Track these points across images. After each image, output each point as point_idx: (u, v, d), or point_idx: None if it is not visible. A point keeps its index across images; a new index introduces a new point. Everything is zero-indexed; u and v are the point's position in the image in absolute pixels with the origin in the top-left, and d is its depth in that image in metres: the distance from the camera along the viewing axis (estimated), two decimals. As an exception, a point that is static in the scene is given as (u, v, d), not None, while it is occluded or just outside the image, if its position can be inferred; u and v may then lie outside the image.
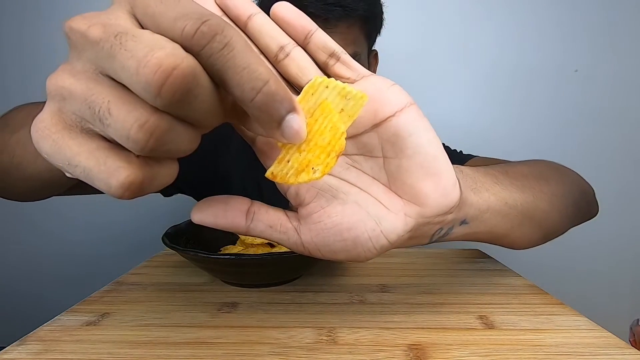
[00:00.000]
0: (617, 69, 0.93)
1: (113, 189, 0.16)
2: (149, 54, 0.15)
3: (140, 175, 0.17)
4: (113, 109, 0.16)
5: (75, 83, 0.17)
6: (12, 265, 1.04)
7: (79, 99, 0.16)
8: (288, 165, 0.20)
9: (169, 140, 0.16)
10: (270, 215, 0.25)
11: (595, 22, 0.92)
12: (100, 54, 0.16)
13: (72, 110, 0.17)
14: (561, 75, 0.94)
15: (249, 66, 0.16)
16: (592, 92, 0.94)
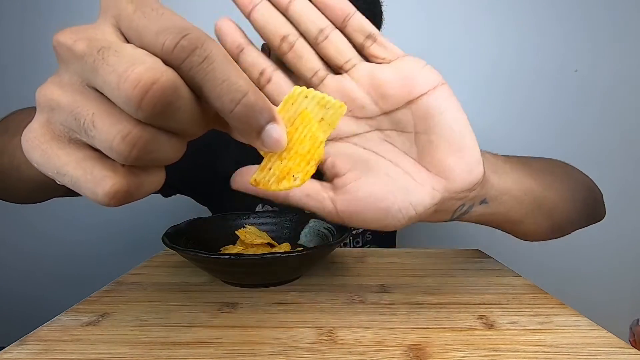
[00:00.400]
0: (617, 69, 0.93)
1: (100, 197, 0.17)
2: (129, 69, 0.15)
3: (125, 184, 0.17)
4: (97, 121, 0.16)
5: (63, 95, 0.17)
6: (12, 265, 1.04)
7: (66, 111, 0.17)
8: (270, 173, 0.21)
9: (153, 149, 0.17)
10: (307, 184, 0.27)
11: (596, 22, 0.92)
12: (85, 68, 0.16)
13: (60, 121, 0.17)
14: (561, 75, 0.94)
15: (229, 79, 0.16)
16: (592, 92, 0.94)
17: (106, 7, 0.18)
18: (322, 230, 0.47)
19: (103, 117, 0.16)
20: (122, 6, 0.17)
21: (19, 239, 1.03)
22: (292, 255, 0.35)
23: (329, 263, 0.47)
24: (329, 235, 0.46)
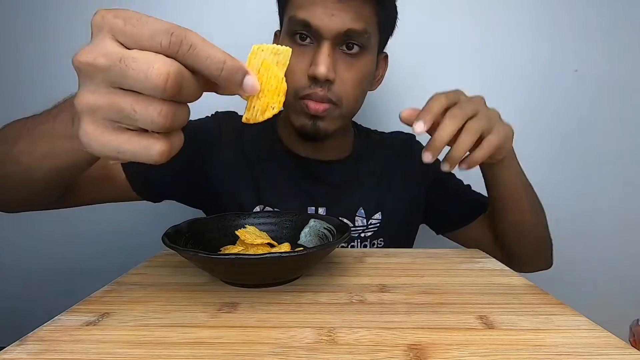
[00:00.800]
0: (617, 69, 0.93)
1: (154, 157, 0.25)
2: (150, 67, 0.23)
3: (165, 144, 0.25)
4: (136, 107, 0.24)
5: (98, 99, 0.24)
6: (12, 265, 1.04)
7: (106, 109, 0.24)
8: (254, 110, 0.30)
9: (176, 117, 0.25)
10: None
11: (596, 22, 0.92)
12: (111, 75, 0.23)
13: (103, 118, 0.24)
14: (561, 75, 0.94)
15: (210, 55, 0.24)
16: (592, 92, 0.94)
17: (99, 26, 0.24)
18: (322, 230, 0.47)
19: (140, 104, 0.24)
20: (113, 23, 0.24)
21: (19, 239, 1.03)
22: (292, 255, 0.35)
23: (329, 263, 0.47)
24: (329, 235, 0.46)
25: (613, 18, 0.91)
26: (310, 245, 0.47)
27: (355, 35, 0.55)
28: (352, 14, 0.54)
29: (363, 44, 0.56)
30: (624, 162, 0.97)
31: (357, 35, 0.55)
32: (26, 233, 1.02)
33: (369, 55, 0.59)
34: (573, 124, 0.96)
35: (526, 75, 0.93)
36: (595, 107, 0.95)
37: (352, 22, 0.54)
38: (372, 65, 0.60)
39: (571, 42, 0.92)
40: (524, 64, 0.93)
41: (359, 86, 0.58)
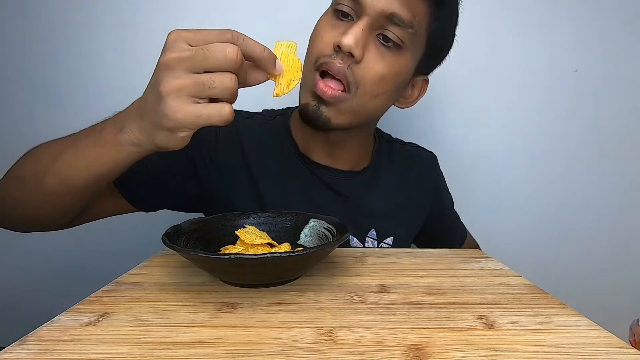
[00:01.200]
0: (617, 69, 0.93)
1: (225, 116, 0.35)
2: (225, 49, 0.34)
3: (230, 106, 0.35)
4: (215, 80, 0.34)
5: (183, 81, 0.34)
6: (12, 264, 1.04)
7: (192, 85, 0.34)
8: (281, 85, 0.40)
9: (237, 86, 0.35)
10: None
11: (596, 22, 0.92)
12: (195, 61, 0.34)
13: (187, 94, 0.34)
14: (561, 75, 0.94)
15: (255, 45, 0.37)
16: (592, 92, 0.94)
17: (174, 39, 0.35)
18: (322, 230, 0.47)
19: (217, 77, 0.34)
20: (185, 35, 0.35)
21: (19, 239, 1.03)
22: (292, 255, 0.35)
23: (329, 263, 0.47)
24: (329, 235, 0.46)
25: (613, 18, 0.91)
26: (310, 245, 0.47)
27: (398, 23, 0.50)
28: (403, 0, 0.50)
29: (403, 40, 0.51)
30: (624, 162, 0.97)
31: (401, 23, 0.50)
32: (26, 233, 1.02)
33: (406, 57, 0.53)
34: (573, 124, 0.96)
35: (526, 75, 0.93)
36: (595, 107, 0.95)
37: (400, 6, 0.49)
38: (406, 69, 0.55)
39: (571, 42, 0.92)
40: (524, 64, 0.93)
41: (382, 82, 0.53)
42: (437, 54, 0.58)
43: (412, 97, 0.62)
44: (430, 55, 0.56)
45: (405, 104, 0.62)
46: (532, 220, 1.00)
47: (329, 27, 0.53)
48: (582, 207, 0.99)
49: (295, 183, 0.62)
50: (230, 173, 0.62)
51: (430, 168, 0.74)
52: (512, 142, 0.96)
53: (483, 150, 0.95)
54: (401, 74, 0.54)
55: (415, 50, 0.54)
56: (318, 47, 0.53)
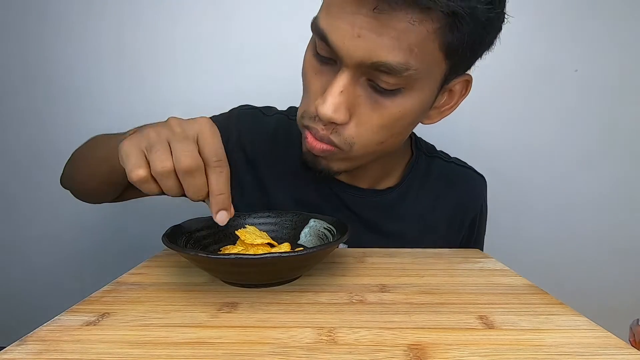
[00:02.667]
0: (617, 69, 0.93)
1: (131, 176, 0.35)
2: (191, 154, 0.35)
3: (141, 171, 0.35)
4: (164, 153, 0.35)
5: (152, 138, 0.36)
6: (12, 265, 1.04)
7: (152, 142, 0.36)
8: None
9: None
10: None
11: (596, 22, 0.92)
12: (172, 135, 0.36)
13: (144, 145, 0.36)
14: (561, 75, 0.94)
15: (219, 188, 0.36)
16: (592, 92, 0.94)
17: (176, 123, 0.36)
18: (322, 230, 0.47)
19: (161, 154, 0.35)
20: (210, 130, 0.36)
21: (19, 239, 1.03)
22: (292, 255, 0.35)
23: (329, 263, 0.47)
24: (329, 235, 0.46)
25: (613, 18, 0.91)
26: (310, 245, 0.47)
27: (387, 70, 0.38)
28: (389, 39, 0.37)
29: (400, 84, 0.40)
30: (624, 162, 0.97)
31: (391, 70, 0.38)
32: (26, 233, 1.02)
33: (412, 95, 0.42)
34: (573, 124, 0.96)
35: (526, 75, 0.93)
36: (595, 107, 0.95)
37: (385, 51, 0.37)
38: (417, 105, 0.43)
39: (571, 42, 0.92)
40: (524, 64, 0.93)
41: (384, 130, 0.44)
42: (473, 55, 0.44)
43: (449, 104, 0.49)
44: (460, 63, 0.43)
45: (440, 116, 0.50)
46: (532, 220, 1.00)
47: (313, 72, 0.44)
48: (582, 207, 0.99)
49: (306, 194, 0.57)
50: (237, 175, 0.59)
51: (478, 195, 0.63)
52: (512, 141, 0.96)
53: (482, 150, 0.95)
54: (410, 112, 0.44)
55: (427, 79, 0.42)
56: (304, 100, 0.46)
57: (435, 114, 0.50)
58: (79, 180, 0.59)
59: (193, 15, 0.91)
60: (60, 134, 0.95)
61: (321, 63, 0.43)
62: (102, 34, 0.92)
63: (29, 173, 0.99)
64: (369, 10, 0.36)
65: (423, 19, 0.36)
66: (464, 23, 0.37)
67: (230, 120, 0.61)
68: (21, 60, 0.93)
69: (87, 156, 0.56)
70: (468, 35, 0.39)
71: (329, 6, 0.40)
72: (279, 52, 0.92)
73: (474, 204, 0.62)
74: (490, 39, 0.43)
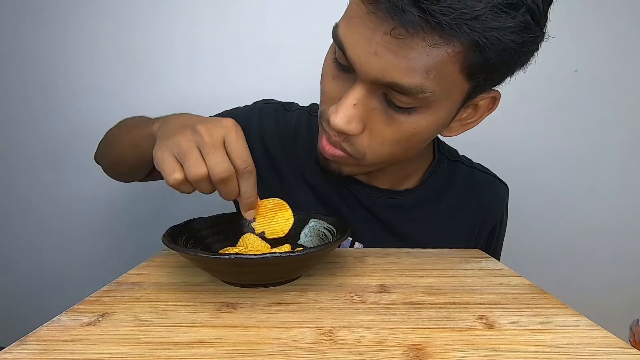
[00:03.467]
0: (617, 69, 0.93)
1: (169, 180, 0.37)
2: (225, 163, 0.37)
3: (177, 174, 0.37)
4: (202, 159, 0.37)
5: (185, 145, 0.37)
6: (12, 264, 1.04)
7: (183, 148, 0.37)
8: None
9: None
10: None
11: (596, 22, 0.92)
12: (204, 141, 0.37)
13: (177, 151, 0.38)
14: (561, 75, 0.94)
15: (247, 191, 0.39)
16: (592, 92, 0.94)
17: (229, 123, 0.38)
18: (322, 230, 0.47)
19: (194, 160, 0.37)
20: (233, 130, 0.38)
21: (19, 238, 1.03)
22: (292, 255, 0.35)
23: (329, 263, 0.47)
24: (329, 235, 0.46)
25: (613, 18, 0.91)
26: (310, 245, 0.47)
27: (401, 91, 0.38)
28: (405, 61, 0.36)
29: (416, 104, 0.39)
30: (624, 162, 0.97)
31: (405, 92, 0.37)
32: (26, 233, 1.02)
33: (430, 113, 0.41)
34: (573, 124, 0.96)
35: (526, 75, 0.93)
36: (595, 107, 0.95)
37: (400, 73, 0.36)
38: (433, 123, 0.42)
39: (571, 42, 0.92)
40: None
41: (398, 145, 0.43)
42: (498, 78, 0.42)
43: (473, 118, 0.48)
44: (486, 82, 0.41)
45: (462, 129, 0.48)
46: (532, 220, 1.00)
47: (331, 77, 0.44)
48: (582, 207, 0.99)
49: (325, 191, 0.57)
50: (257, 169, 0.58)
51: (499, 203, 0.62)
52: (512, 141, 0.96)
53: (482, 150, 0.95)
54: (425, 130, 0.43)
55: (445, 100, 0.40)
56: (320, 102, 0.46)
57: (457, 127, 0.48)
58: (110, 161, 0.62)
59: (193, 15, 0.91)
60: (60, 135, 0.95)
61: (339, 70, 0.43)
62: (102, 34, 0.92)
63: (30, 173, 0.99)
64: (388, 29, 0.35)
65: (443, 42, 0.35)
66: (489, 47, 0.35)
67: (252, 112, 0.61)
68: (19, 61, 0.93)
69: (117, 140, 0.57)
70: (494, 59, 0.36)
71: (350, 17, 0.39)
72: (278, 52, 0.92)
73: (495, 212, 0.61)
74: (521, 62, 0.41)
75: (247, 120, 0.60)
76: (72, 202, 1.00)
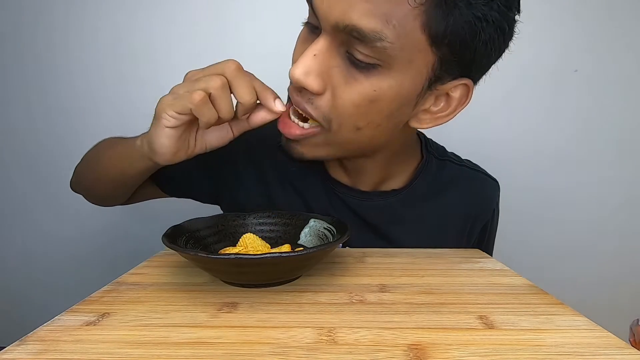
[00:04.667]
0: (617, 69, 0.93)
1: (194, 99, 0.38)
2: (225, 63, 0.41)
3: (199, 94, 0.39)
4: (202, 77, 0.40)
5: (179, 86, 0.42)
6: (12, 264, 1.04)
7: (183, 85, 0.41)
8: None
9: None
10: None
11: (596, 22, 0.92)
12: (196, 74, 0.41)
13: (176, 90, 0.41)
14: (561, 75, 0.94)
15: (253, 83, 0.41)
16: (592, 92, 0.94)
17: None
18: (322, 230, 0.47)
19: (205, 76, 0.40)
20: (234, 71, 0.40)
21: (19, 239, 1.03)
22: (292, 255, 0.35)
23: (329, 263, 0.47)
24: (329, 235, 0.46)
25: (613, 18, 0.92)
26: (310, 245, 0.47)
27: (359, 37, 0.37)
28: (364, 3, 0.36)
29: (375, 56, 0.38)
30: (625, 162, 0.98)
31: (363, 37, 0.36)
32: (26, 233, 1.02)
33: (391, 76, 0.39)
34: (573, 124, 0.96)
35: (526, 74, 0.93)
36: (595, 107, 0.95)
37: (359, 14, 0.36)
38: (395, 89, 0.40)
39: (571, 42, 0.92)
40: (524, 64, 0.93)
41: (359, 112, 0.41)
42: (465, 54, 0.40)
43: (446, 111, 0.46)
44: (454, 58, 0.40)
45: (433, 122, 0.46)
46: (532, 220, 1.00)
47: (300, 41, 0.45)
48: (581, 207, 0.99)
49: (310, 196, 0.57)
50: (242, 176, 0.59)
51: (490, 200, 0.61)
52: (512, 141, 0.96)
53: (482, 150, 0.95)
54: (386, 96, 0.41)
55: (407, 63, 0.39)
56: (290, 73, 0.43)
57: (428, 119, 0.46)
58: (90, 183, 0.61)
59: (192, 14, 0.91)
60: (59, 135, 0.95)
61: (309, 32, 0.43)
62: (102, 33, 0.92)
63: (30, 175, 0.99)
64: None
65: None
66: (454, 6, 0.35)
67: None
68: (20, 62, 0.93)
69: (98, 158, 0.57)
70: (459, 24, 0.36)
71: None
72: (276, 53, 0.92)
73: (485, 210, 0.60)
74: (490, 40, 0.39)
75: (246, 140, 0.57)
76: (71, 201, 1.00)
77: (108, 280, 0.41)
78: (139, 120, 0.73)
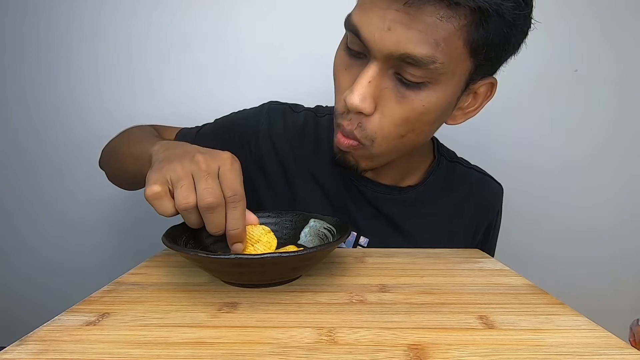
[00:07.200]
0: (617, 69, 0.93)
1: (163, 212, 0.37)
2: (215, 191, 0.37)
3: (169, 208, 0.37)
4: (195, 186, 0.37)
5: (179, 173, 0.37)
6: (12, 265, 1.04)
7: (179, 177, 0.37)
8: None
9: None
10: None
11: (596, 22, 0.92)
12: (200, 171, 0.37)
13: (168, 179, 0.38)
14: (561, 75, 0.94)
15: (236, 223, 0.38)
16: (592, 92, 0.94)
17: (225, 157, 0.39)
18: (322, 230, 0.47)
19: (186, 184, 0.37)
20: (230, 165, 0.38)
21: (19, 239, 1.03)
22: (292, 255, 0.35)
23: (329, 263, 0.47)
24: (329, 235, 0.46)
25: (613, 18, 0.91)
26: (310, 245, 0.47)
27: (414, 63, 0.41)
28: (417, 32, 0.39)
29: (426, 77, 0.42)
30: (624, 162, 0.97)
31: (417, 63, 0.41)
32: (26, 233, 1.02)
33: (438, 89, 0.44)
34: (573, 124, 0.96)
35: (526, 75, 0.93)
36: (595, 107, 0.95)
37: (413, 43, 0.40)
38: (441, 101, 0.45)
39: (571, 42, 0.92)
40: (524, 64, 0.93)
41: (407, 124, 0.46)
42: (496, 58, 0.46)
43: (474, 106, 0.51)
44: (486, 62, 0.45)
45: (464, 117, 0.52)
46: (532, 220, 1.00)
47: (343, 69, 0.47)
48: (581, 206, 0.99)
49: (330, 189, 0.59)
50: (265, 167, 0.61)
51: (495, 203, 0.65)
52: (511, 141, 0.96)
53: (482, 150, 0.96)
54: (434, 108, 0.45)
55: (451, 76, 0.43)
56: (337, 98, 0.48)
57: (459, 115, 0.51)
58: (113, 171, 0.63)
59: (192, 14, 0.91)
60: (59, 135, 0.95)
61: (351, 57, 0.46)
62: (102, 34, 0.92)
63: (30, 174, 0.99)
64: (400, 5, 0.39)
65: (451, 15, 0.39)
66: (489, 21, 0.40)
67: (260, 114, 0.63)
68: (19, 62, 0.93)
69: (119, 152, 0.59)
70: (493, 34, 0.41)
71: (362, 3, 0.43)
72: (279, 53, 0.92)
73: (491, 211, 0.64)
74: (515, 41, 0.45)
75: (255, 121, 0.62)
76: (72, 202, 1.00)
77: (108, 280, 0.41)
78: (141, 119, 0.73)
